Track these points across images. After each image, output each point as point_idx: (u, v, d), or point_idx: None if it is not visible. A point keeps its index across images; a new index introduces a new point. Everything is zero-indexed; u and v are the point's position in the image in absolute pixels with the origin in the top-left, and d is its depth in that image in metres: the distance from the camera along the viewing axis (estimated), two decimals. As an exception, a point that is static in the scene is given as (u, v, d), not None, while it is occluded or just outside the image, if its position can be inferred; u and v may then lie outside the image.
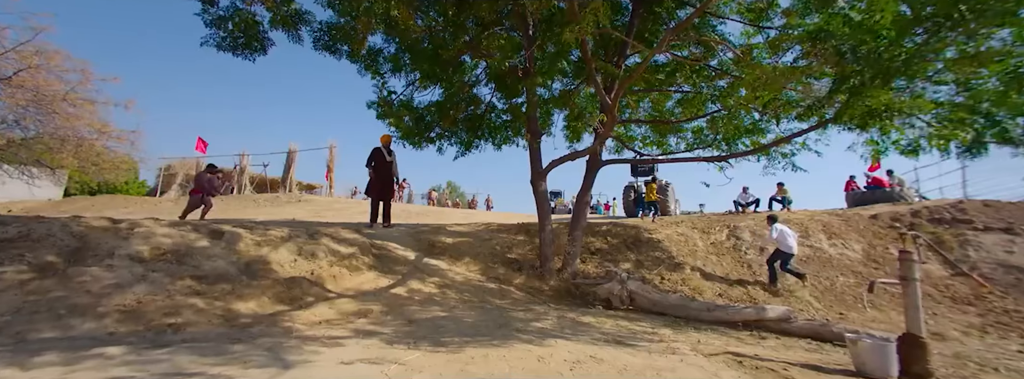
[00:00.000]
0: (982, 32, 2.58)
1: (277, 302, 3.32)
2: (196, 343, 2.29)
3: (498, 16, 5.53)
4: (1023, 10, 2.59)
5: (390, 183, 6.37)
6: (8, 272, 2.51)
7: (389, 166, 6.23)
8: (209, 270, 3.37)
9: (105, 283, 2.74)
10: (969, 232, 6.38)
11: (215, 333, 2.56)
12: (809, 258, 6.42)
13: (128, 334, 2.33)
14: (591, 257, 6.36)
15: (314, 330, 2.85)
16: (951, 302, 5.16)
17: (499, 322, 3.44)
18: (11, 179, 11.24)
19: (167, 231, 3.66)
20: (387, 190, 6.35)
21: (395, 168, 6.34)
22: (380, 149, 6.24)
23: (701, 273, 6.08)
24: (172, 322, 2.61)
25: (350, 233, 5.21)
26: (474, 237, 6.75)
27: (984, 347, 4.00)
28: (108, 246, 3.12)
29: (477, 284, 4.98)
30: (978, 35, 2.62)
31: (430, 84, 6.36)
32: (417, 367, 2.13)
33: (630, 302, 4.61)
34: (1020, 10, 2.54)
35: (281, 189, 15.69)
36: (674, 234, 7.32)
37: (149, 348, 2.14)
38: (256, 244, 4.06)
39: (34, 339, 2.08)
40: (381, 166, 6.18)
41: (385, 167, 6.21)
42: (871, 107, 3.19)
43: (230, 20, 5.02)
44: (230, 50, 5.12)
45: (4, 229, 2.87)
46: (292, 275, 3.81)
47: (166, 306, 2.75)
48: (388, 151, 6.27)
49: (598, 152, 5.71)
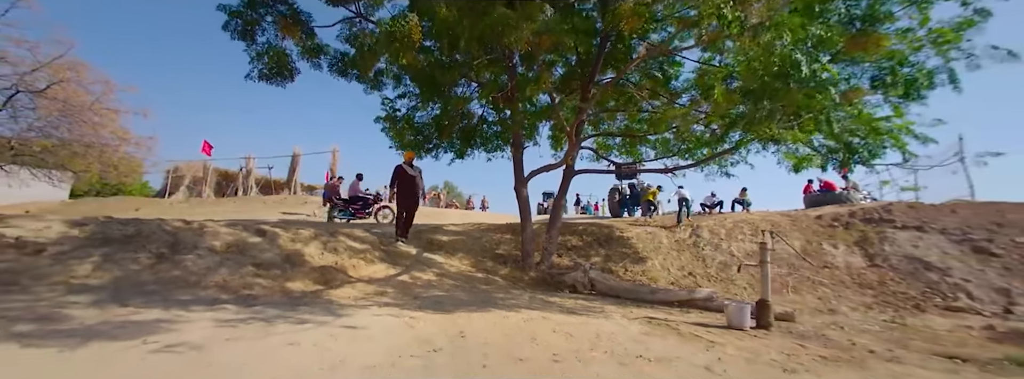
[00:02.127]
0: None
1: (315, 283, 4.54)
2: (273, 305, 3.51)
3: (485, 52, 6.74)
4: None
5: (415, 196, 6.65)
6: (141, 257, 3.73)
7: (412, 180, 6.57)
8: (263, 260, 4.59)
9: (200, 266, 3.96)
10: (889, 230, 7.65)
11: (281, 300, 3.78)
12: (754, 252, 7.66)
13: (227, 299, 3.54)
14: (568, 252, 7.60)
15: (347, 301, 4.07)
16: (858, 287, 6.42)
17: (483, 299, 4.67)
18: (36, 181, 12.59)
19: (227, 230, 4.88)
20: (412, 203, 6.66)
21: (419, 181, 6.67)
22: (402, 166, 6.61)
23: (660, 265, 7.32)
24: (249, 293, 3.83)
25: (362, 232, 6.44)
26: (467, 236, 7.99)
27: (862, 318, 5.25)
28: (192, 241, 4.35)
29: (468, 274, 6.21)
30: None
31: (430, 103, 7.58)
32: (422, 318, 3.37)
33: (591, 288, 5.85)
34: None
35: (286, 190, 16.86)
36: (643, 233, 8.57)
37: (247, 306, 3.36)
38: (291, 241, 5.28)
39: (175, 299, 3.29)
40: (404, 181, 6.54)
41: (409, 181, 6.55)
42: (759, 137, 4.43)
43: (266, 54, 6.22)
44: (267, 79, 6.31)
45: (125, 228, 4.08)
46: (322, 264, 5.02)
47: (242, 283, 3.97)
48: (411, 166, 6.66)
49: (570, 164, 6.93)
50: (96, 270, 3.37)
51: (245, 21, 5.97)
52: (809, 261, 7.02)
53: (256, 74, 6.33)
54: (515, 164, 7.14)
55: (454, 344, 2.70)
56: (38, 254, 3.33)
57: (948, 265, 6.55)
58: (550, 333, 3.17)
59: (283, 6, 6.09)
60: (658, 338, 3.27)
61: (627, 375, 2.26)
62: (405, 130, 7.44)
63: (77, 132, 11.37)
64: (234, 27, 6.01)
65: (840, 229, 8.20)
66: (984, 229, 7.29)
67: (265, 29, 6.26)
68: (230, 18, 5.92)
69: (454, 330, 3.07)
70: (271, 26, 6.23)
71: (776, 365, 2.70)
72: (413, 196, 6.64)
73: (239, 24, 5.99)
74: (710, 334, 3.53)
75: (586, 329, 3.41)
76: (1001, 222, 7.49)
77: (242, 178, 17.99)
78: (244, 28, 6.03)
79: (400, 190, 6.54)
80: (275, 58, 6.28)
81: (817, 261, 7.35)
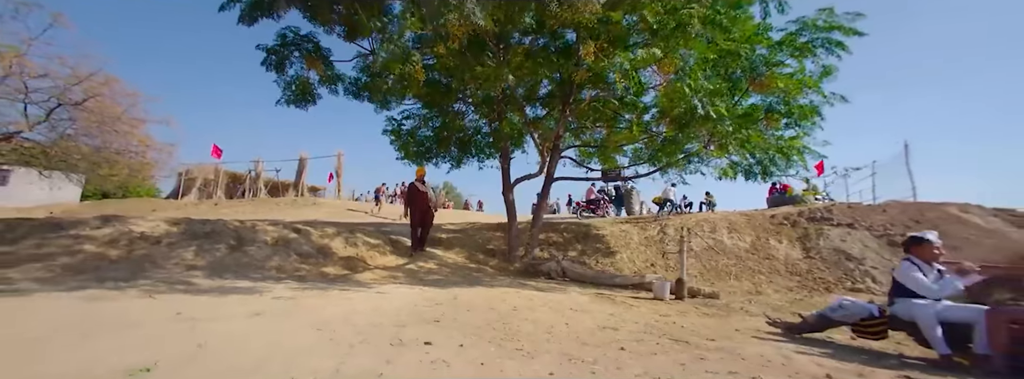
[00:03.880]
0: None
1: (343, 269, 6.02)
2: (319, 282, 4.98)
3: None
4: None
5: (428, 211, 7.22)
6: (220, 247, 5.21)
7: (425, 197, 7.21)
8: (303, 251, 6.08)
9: (260, 255, 5.45)
10: (826, 227, 9.12)
11: (322, 280, 5.25)
12: (710, 247, 9.14)
13: (285, 277, 5.02)
14: (549, 247, 9.07)
15: (370, 281, 5.54)
16: (789, 275, 7.88)
17: (473, 281, 6.14)
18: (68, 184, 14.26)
19: (273, 229, 6.37)
20: (425, 218, 7.24)
21: (431, 197, 7.30)
22: (415, 183, 7.36)
23: (628, 258, 8.79)
24: (298, 274, 5.31)
25: (374, 229, 7.91)
26: (463, 233, 9.46)
27: (778, 298, 6.71)
28: (251, 237, 5.83)
29: (463, 265, 7.68)
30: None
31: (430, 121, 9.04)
32: (427, 290, 4.84)
33: (563, 275, 7.31)
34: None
35: (293, 192, 18.36)
36: (617, 230, 10.04)
37: (301, 282, 4.83)
38: (321, 237, 6.77)
39: (251, 276, 4.76)
40: (417, 198, 7.20)
41: (421, 198, 7.19)
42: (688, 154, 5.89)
43: (294, 83, 7.69)
44: (294, 104, 7.79)
45: (204, 226, 5.57)
46: (346, 255, 6.51)
47: (292, 267, 5.46)
48: (422, 182, 7.33)
49: (550, 173, 8.40)
50: (196, 256, 4.85)
51: (279, 57, 7.44)
52: (755, 254, 8.48)
53: (285, 99, 7.81)
54: (503, 173, 8.62)
55: (450, 301, 4.17)
56: (158, 244, 4.80)
57: (865, 256, 8.01)
58: (517, 298, 4.65)
59: (309, 44, 7.55)
60: (594, 302, 4.75)
61: (556, 316, 3.73)
62: (409, 142, 8.92)
63: (108, 140, 12.97)
64: (270, 62, 7.48)
65: (787, 227, 9.66)
66: (903, 225, 8.74)
67: (293, 63, 7.73)
68: (267, 55, 7.39)
69: (450, 296, 4.54)
70: (298, 60, 7.70)
71: (659, 313, 4.17)
72: (426, 212, 7.20)
73: (274, 59, 7.46)
74: (635, 301, 5.00)
75: (544, 297, 4.88)
76: (919, 219, 8.95)
77: (250, 180, 19.48)
78: (278, 62, 7.50)
79: (413, 206, 7.19)
80: (301, 87, 7.76)
81: (762, 254, 8.82)
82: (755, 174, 6.69)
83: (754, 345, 2.96)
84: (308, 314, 3.05)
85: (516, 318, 3.48)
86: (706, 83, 4.93)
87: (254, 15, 6.20)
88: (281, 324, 2.68)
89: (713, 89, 4.98)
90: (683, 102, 4.95)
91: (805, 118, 5.94)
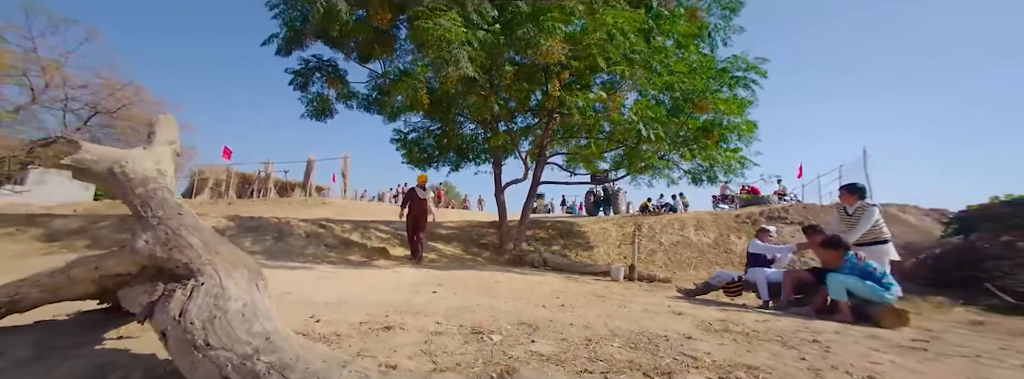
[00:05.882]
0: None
1: (363, 257, 7.60)
2: (348, 266, 6.56)
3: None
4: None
5: (424, 218, 7.42)
6: (268, 239, 6.80)
7: (423, 203, 7.38)
8: (329, 243, 7.67)
9: (297, 245, 7.04)
10: (781, 225, 10.67)
11: (348, 265, 6.83)
12: (677, 243, 10.70)
13: (321, 262, 6.61)
14: (536, 242, 10.64)
15: (386, 266, 7.12)
16: (741, 265, 9.42)
17: (467, 267, 7.71)
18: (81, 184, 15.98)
19: (304, 224, 7.96)
20: (421, 225, 7.44)
21: (430, 206, 7.50)
22: (415, 189, 7.55)
23: (604, 252, 10.36)
24: (329, 261, 6.89)
25: (385, 226, 9.50)
26: (460, 230, 11.05)
27: (722, 283, 8.26)
28: (288, 230, 7.43)
29: (459, 256, 9.26)
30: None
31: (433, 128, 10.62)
32: (432, 271, 6.43)
33: (545, 264, 8.88)
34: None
35: (302, 192, 19.97)
36: (598, 228, 11.61)
37: (334, 266, 6.41)
38: (342, 232, 8.36)
39: (294, 262, 6.33)
40: (416, 204, 7.38)
41: (419, 204, 7.38)
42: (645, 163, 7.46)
43: (315, 100, 9.28)
44: (314, 118, 9.38)
45: (252, 222, 7.16)
46: (364, 246, 8.09)
47: (322, 255, 7.05)
48: (423, 188, 7.55)
49: (536, 178, 9.97)
50: (252, 244, 6.44)
51: (304, 79, 9.03)
52: (716, 248, 10.05)
53: (307, 114, 9.40)
54: (495, 177, 10.18)
55: (448, 277, 5.74)
56: (223, 234, 6.38)
57: (806, 250, 9.56)
58: (500, 277, 6.22)
59: (329, 67, 9.13)
60: (559, 281, 6.32)
61: (524, 285, 5.29)
62: (414, 150, 10.50)
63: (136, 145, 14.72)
64: (296, 82, 9.06)
65: (748, 225, 11.21)
66: (845, 224, 10.30)
67: (314, 82, 9.31)
68: (294, 77, 8.97)
69: (449, 275, 6.11)
70: (319, 80, 9.29)
71: (604, 287, 5.74)
72: (423, 220, 7.40)
73: (299, 80, 9.05)
74: (593, 281, 6.57)
75: (522, 277, 6.45)
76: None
77: (259, 181, 21.10)
78: (302, 83, 9.09)
79: (411, 213, 7.41)
80: (321, 103, 9.35)
81: (722, 248, 10.39)
82: (701, 180, 8.25)
83: (651, 298, 4.53)
84: (353, 279, 4.63)
85: (495, 286, 5.05)
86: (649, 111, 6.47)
87: (290, 48, 7.77)
88: (340, 284, 4.26)
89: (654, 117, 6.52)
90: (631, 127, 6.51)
91: (747, 132, 7.49)
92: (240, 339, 1.38)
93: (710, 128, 7.92)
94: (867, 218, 4.10)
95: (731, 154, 7.83)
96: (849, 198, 4.35)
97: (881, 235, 4.14)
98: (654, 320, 3.16)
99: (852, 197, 4.32)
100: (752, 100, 7.29)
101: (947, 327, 3.58)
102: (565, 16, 6.27)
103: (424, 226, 7.49)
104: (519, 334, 2.47)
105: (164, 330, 1.42)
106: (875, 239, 4.12)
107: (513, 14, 6.59)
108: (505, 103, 7.51)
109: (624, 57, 6.17)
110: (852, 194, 4.33)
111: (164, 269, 1.64)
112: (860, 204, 4.25)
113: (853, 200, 4.31)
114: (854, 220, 4.20)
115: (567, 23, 6.42)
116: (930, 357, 2.32)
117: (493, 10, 6.78)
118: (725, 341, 2.56)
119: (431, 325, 2.58)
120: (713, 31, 8.33)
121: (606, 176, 17.23)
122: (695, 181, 8.26)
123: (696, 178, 8.22)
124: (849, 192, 4.36)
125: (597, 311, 3.47)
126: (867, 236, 4.13)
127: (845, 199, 4.41)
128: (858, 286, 3.54)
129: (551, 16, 5.94)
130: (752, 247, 4.83)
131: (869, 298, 3.51)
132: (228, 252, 1.75)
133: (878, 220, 4.15)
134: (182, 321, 1.40)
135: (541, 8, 6.14)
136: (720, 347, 2.39)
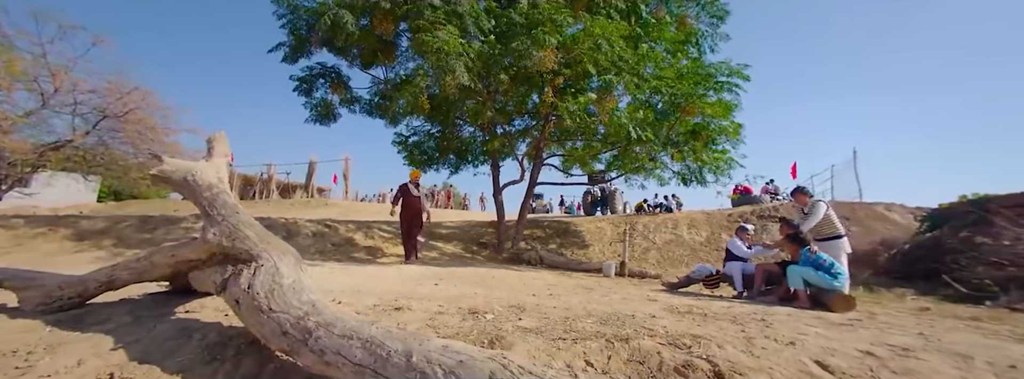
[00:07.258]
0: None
1: (367, 255, 8.10)
2: (351, 264, 7.05)
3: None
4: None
5: (418, 216, 7.27)
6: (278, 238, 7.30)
7: (417, 200, 7.21)
8: (335, 241, 8.17)
9: (305, 243, 7.54)
10: (770, 223, 11.16)
11: (353, 262, 7.32)
12: (670, 241, 11.19)
13: (328, 260, 7.11)
14: (533, 241, 11.13)
15: (389, 263, 7.61)
16: (729, 263, 9.91)
17: (466, 264, 8.21)
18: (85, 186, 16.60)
19: (310, 225, 8.46)
20: (416, 223, 7.29)
21: (424, 203, 7.34)
22: (408, 185, 7.31)
23: (599, 250, 10.85)
24: (335, 258, 7.39)
25: (387, 226, 10.00)
26: (460, 229, 11.54)
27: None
28: (296, 230, 7.93)
29: (459, 254, 9.75)
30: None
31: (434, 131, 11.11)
32: (433, 267, 6.92)
33: (541, 262, 9.37)
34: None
35: (304, 193, 20.48)
36: (593, 227, 12.10)
37: (340, 262, 6.91)
38: (346, 231, 8.86)
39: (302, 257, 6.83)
40: (409, 201, 7.22)
41: (414, 202, 7.22)
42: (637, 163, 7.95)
43: (319, 105, 9.78)
44: (318, 122, 9.88)
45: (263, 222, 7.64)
46: (367, 245, 8.59)
47: (328, 253, 7.55)
48: (417, 185, 7.36)
49: (533, 178, 10.46)
50: (264, 243, 6.95)
51: (308, 85, 9.53)
52: (707, 246, 10.54)
53: (311, 119, 9.90)
54: (493, 179, 10.68)
55: (449, 274, 6.23)
56: (237, 234, 6.92)
57: (793, 247, 10.05)
58: (497, 272, 6.71)
59: (333, 74, 9.63)
60: (552, 276, 6.81)
61: (519, 280, 5.78)
62: (414, 152, 11.00)
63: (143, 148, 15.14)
64: (301, 88, 9.56)
65: (739, 223, 11.70)
66: (832, 222, 10.79)
67: (318, 88, 9.81)
68: (299, 83, 9.47)
69: (449, 271, 6.61)
70: (323, 86, 9.79)
71: (594, 282, 6.23)
72: (418, 219, 7.24)
73: (304, 86, 9.55)
74: (585, 277, 7.05)
75: (518, 274, 6.94)
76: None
77: (261, 183, 21.61)
78: (307, 89, 9.59)
79: (405, 210, 7.25)
80: (324, 108, 9.85)
81: (713, 245, 10.88)
82: (691, 181, 8.75)
83: (634, 290, 5.02)
84: (361, 273, 5.13)
85: (492, 280, 5.55)
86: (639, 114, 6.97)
87: (296, 57, 8.27)
88: (350, 277, 4.75)
89: (643, 119, 7.01)
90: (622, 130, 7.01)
91: (734, 135, 7.99)
92: (293, 305, 1.88)
93: (699, 131, 8.42)
94: (815, 211, 4.68)
95: (720, 155, 8.32)
96: (802, 198, 4.98)
97: (836, 230, 4.67)
98: (628, 305, 3.66)
99: (804, 197, 4.96)
100: (736, 104, 7.79)
101: (892, 312, 4.06)
102: (557, 28, 6.78)
103: (420, 227, 7.35)
104: (509, 314, 2.96)
105: (237, 299, 1.91)
106: (831, 234, 4.65)
107: (508, 25, 7.10)
108: (502, 107, 8.03)
109: (612, 64, 6.67)
110: (804, 195, 4.95)
111: (229, 255, 2.14)
112: (811, 202, 4.84)
113: (805, 200, 4.93)
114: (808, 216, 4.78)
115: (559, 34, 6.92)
116: (849, 329, 2.81)
117: (490, 20, 7.28)
118: (684, 320, 3.05)
119: (434, 307, 3.07)
120: (701, 38, 8.83)
121: (602, 177, 17.79)
122: (685, 182, 8.76)
123: (685, 179, 8.73)
124: (801, 193, 5.02)
125: (580, 298, 3.97)
126: (823, 231, 4.67)
127: (799, 200, 5.04)
128: (812, 276, 4.03)
129: (543, 29, 6.46)
130: (730, 244, 5.31)
131: (821, 286, 4.00)
132: (277, 242, 2.25)
133: (831, 216, 4.71)
134: (250, 292, 1.90)
135: (534, 21, 6.66)
136: (677, 323, 2.88)
